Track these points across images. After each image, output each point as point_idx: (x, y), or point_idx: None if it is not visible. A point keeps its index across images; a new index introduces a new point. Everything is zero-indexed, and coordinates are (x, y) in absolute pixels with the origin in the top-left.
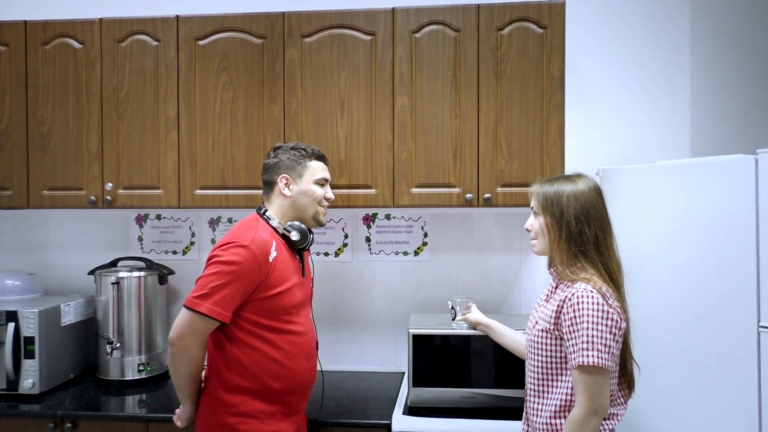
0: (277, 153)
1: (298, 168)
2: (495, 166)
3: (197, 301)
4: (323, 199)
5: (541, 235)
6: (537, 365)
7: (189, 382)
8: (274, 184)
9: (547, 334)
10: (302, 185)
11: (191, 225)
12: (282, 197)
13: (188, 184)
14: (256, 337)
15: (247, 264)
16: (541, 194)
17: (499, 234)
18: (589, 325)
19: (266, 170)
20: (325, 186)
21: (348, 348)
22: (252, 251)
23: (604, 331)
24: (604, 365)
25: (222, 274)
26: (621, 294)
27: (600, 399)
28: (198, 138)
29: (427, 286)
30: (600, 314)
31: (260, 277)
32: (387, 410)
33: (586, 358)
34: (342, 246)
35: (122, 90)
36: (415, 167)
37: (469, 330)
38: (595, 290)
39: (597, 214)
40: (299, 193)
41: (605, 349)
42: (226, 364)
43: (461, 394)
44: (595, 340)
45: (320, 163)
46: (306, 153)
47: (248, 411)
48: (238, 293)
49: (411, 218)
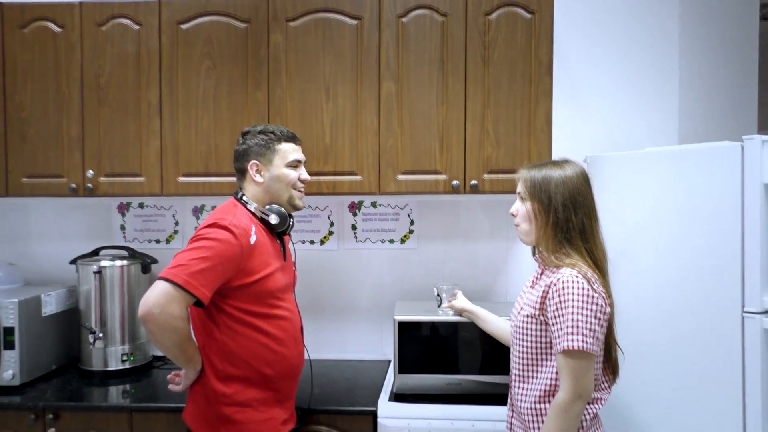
0: (245, 139)
1: (267, 153)
2: (482, 152)
3: (174, 272)
4: (298, 181)
5: (527, 221)
6: (522, 351)
7: (182, 350)
8: (246, 172)
9: (532, 319)
10: (273, 170)
11: (175, 213)
12: (255, 184)
13: (171, 171)
14: (244, 324)
15: (229, 245)
16: (528, 179)
17: (486, 221)
18: (574, 309)
19: (236, 158)
20: (298, 168)
21: (334, 336)
22: (234, 233)
23: (589, 315)
24: (589, 349)
25: (203, 250)
26: (606, 280)
27: (584, 383)
28: (181, 124)
29: (414, 274)
30: (585, 299)
31: (241, 260)
32: (373, 397)
33: (570, 342)
34: (327, 234)
35: (103, 75)
36: (401, 154)
37: (455, 317)
38: (580, 275)
39: (584, 201)
40: (271, 179)
41: (590, 334)
42: (217, 353)
43: (447, 380)
44: (580, 324)
45: (291, 145)
46: (275, 136)
47: (243, 400)
48: (218, 274)
49: (397, 206)
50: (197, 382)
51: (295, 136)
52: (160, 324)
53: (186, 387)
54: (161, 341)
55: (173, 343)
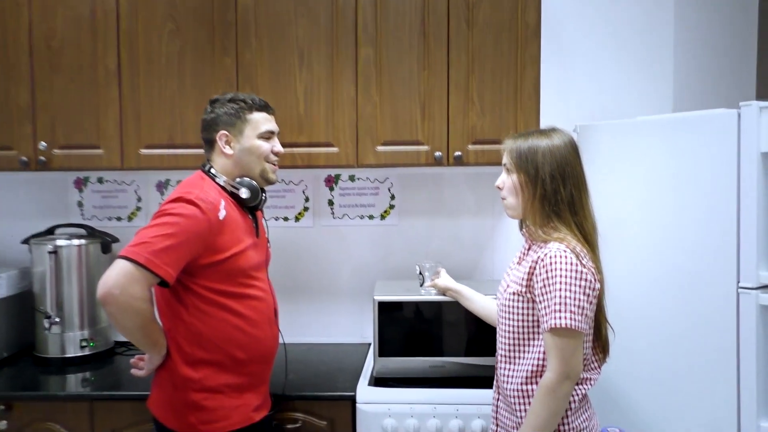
0: (214, 107)
1: (237, 123)
2: (466, 122)
3: (135, 249)
4: (270, 154)
5: (513, 194)
6: (508, 330)
7: (145, 334)
8: (214, 143)
9: (518, 297)
10: (244, 142)
11: (137, 189)
12: (224, 156)
13: (132, 142)
14: (214, 304)
15: (195, 220)
16: (514, 150)
17: (471, 196)
18: (562, 285)
19: (204, 127)
20: (271, 139)
21: (310, 319)
22: (201, 207)
23: (577, 292)
24: (578, 327)
25: (167, 226)
26: (596, 254)
27: (573, 363)
28: (142, 92)
29: (395, 251)
30: (573, 274)
31: (209, 236)
32: (352, 382)
33: (558, 320)
34: (302, 210)
35: (55, 39)
36: (380, 123)
37: (439, 296)
38: (568, 250)
39: (573, 172)
40: (242, 151)
41: (578, 311)
42: (185, 336)
43: (430, 363)
44: (568, 301)
45: (263, 114)
46: (246, 104)
47: (213, 385)
48: (184, 251)
49: (377, 179)
50: (163, 367)
51: (268, 105)
52: (120, 306)
53: (150, 372)
54: (123, 324)
55: (136, 326)
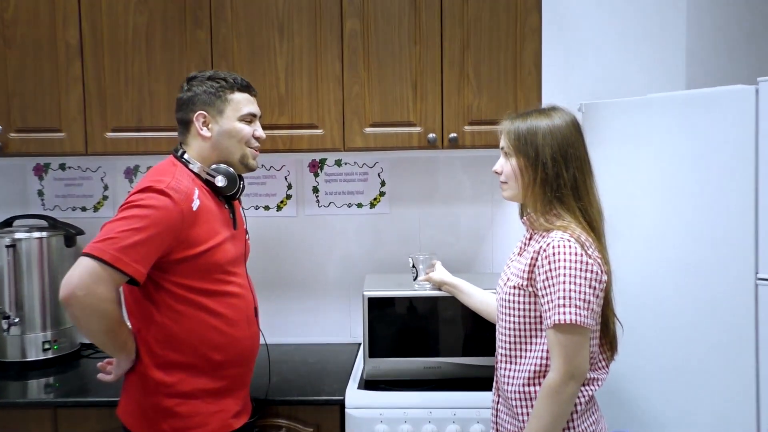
0: (191, 85)
1: (217, 103)
2: (462, 100)
3: (100, 246)
4: (252, 138)
5: (513, 179)
6: (508, 327)
7: (112, 337)
8: (190, 124)
9: (519, 290)
10: (224, 123)
11: (103, 176)
12: (201, 139)
13: (97, 125)
14: (188, 303)
15: (166, 211)
16: (512, 131)
17: (469, 181)
18: (566, 278)
19: (180, 107)
20: (253, 122)
21: (294, 318)
22: (172, 197)
23: (582, 284)
24: (583, 323)
25: (135, 219)
26: (602, 243)
27: (578, 361)
28: (107, 70)
29: (386, 242)
30: (578, 266)
31: (182, 229)
32: (340, 385)
33: (562, 315)
34: (285, 198)
35: (8, 10)
36: (368, 103)
37: (434, 291)
38: (572, 239)
39: (576, 153)
40: (221, 134)
41: (584, 305)
42: (157, 338)
43: (425, 364)
44: (573, 295)
45: (245, 95)
46: (227, 83)
47: (187, 390)
48: (154, 246)
49: (365, 164)
50: (133, 371)
51: (251, 86)
52: (85, 308)
53: (118, 377)
54: (87, 327)
55: (102, 330)
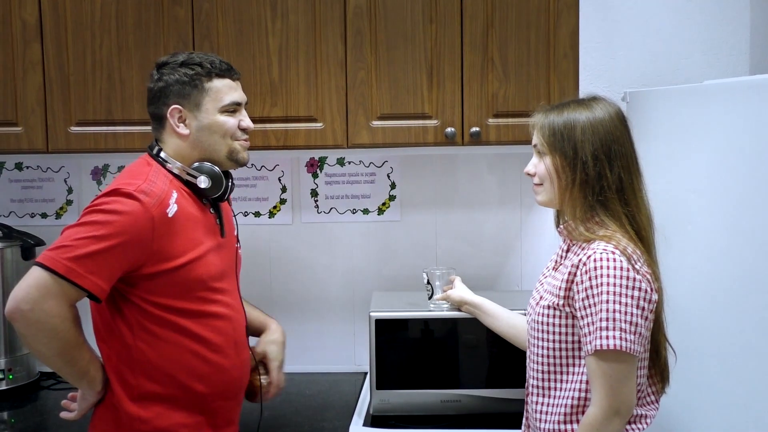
0: (161, 73)
1: (193, 94)
2: (485, 88)
3: (52, 255)
4: (238, 131)
5: (549, 181)
6: (541, 354)
7: (68, 361)
8: (164, 119)
9: (555, 311)
10: (203, 118)
11: (67, 177)
12: (177, 136)
13: (60, 118)
14: (165, 324)
15: (133, 218)
16: (546, 126)
17: (493, 183)
18: (610, 296)
19: (151, 99)
20: (238, 112)
21: (291, 342)
22: (142, 202)
23: (629, 304)
24: (629, 349)
25: (96, 226)
26: (652, 257)
27: (624, 395)
28: (71, 53)
29: (396, 255)
30: (624, 281)
31: (154, 238)
32: (343, 421)
33: (605, 340)
34: (278, 203)
35: None
36: (376, 92)
37: (452, 312)
38: (617, 251)
39: (621, 151)
40: (200, 130)
41: (630, 329)
42: (130, 365)
43: (442, 397)
44: (618, 316)
45: (225, 81)
46: (202, 69)
47: (165, 426)
48: (118, 258)
49: (373, 163)
50: (103, 403)
51: (231, 69)
52: (30, 325)
53: (83, 413)
54: (36, 348)
55: (53, 352)
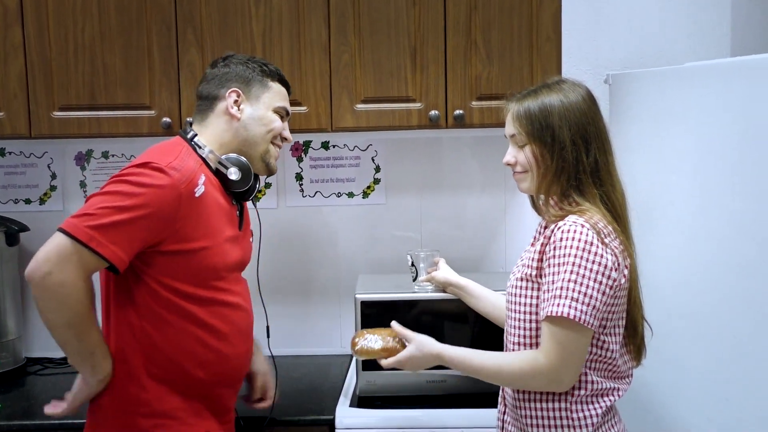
0: (228, 62)
1: (255, 85)
2: (469, 71)
3: (75, 222)
4: (279, 136)
5: (531, 169)
6: (516, 326)
7: (79, 335)
8: (218, 100)
9: (527, 283)
10: (257, 108)
11: (50, 163)
12: (228, 118)
13: (42, 103)
14: (175, 310)
15: (161, 192)
16: (524, 115)
17: (477, 166)
18: (569, 267)
19: (208, 81)
20: (284, 120)
21: (277, 326)
22: (172, 177)
23: (587, 276)
24: (579, 319)
25: (122, 197)
26: (627, 234)
27: (570, 365)
28: (53, 37)
29: (381, 238)
30: (586, 255)
31: (178, 217)
32: (329, 403)
33: (556, 307)
34: (263, 187)
35: None
36: (360, 75)
37: (437, 293)
38: (587, 224)
39: (595, 132)
40: (252, 118)
41: (584, 300)
42: (133, 346)
43: (427, 377)
44: (572, 286)
45: (283, 89)
46: (269, 70)
47: (164, 410)
48: (142, 231)
49: (357, 147)
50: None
51: (289, 84)
52: (47, 289)
53: (75, 405)
54: (46, 316)
55: (63, 321)
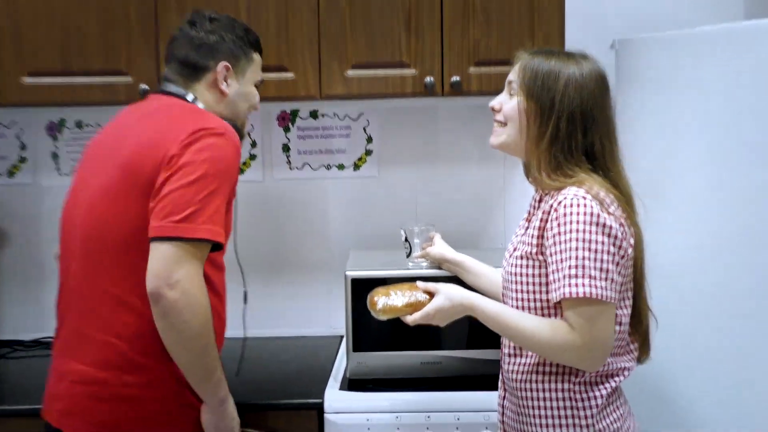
0: (215, 27)
1: (242, 60)
2: (466, 36)
3: (186, 226)
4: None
5: (514, 123)
6: (516, 306)
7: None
8: (207, 71)
9: (528, 260)
10: (244, 85)
11: (19, 133)
12: (215, 92)
13: (11, 68)
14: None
15: (235, 160)
16: (529, 67)
17: (475, 137)
18: (579, 243)
19: (198, 48)
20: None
21: (262, 306)
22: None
23: (599, 250)
24: (601, 296)
25: (210, 179)
26: (631, 206)
27: (597, 332)
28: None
29: (374, 212)
30: (594, 228)
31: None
32: (318, 385)
33: (574, 288)
34: (248, 159)
35: None
36: (351, 39)
37: (432, 270)
38: (589, 195)
39: (601, 117)
40: (238, 94)
41: (602, 275)
42: None
43: (421, 359)
44: (588, 263)
45: (259, 57)
46: (249, 40)
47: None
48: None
49: (348, 116)
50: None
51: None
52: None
53: None
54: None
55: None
